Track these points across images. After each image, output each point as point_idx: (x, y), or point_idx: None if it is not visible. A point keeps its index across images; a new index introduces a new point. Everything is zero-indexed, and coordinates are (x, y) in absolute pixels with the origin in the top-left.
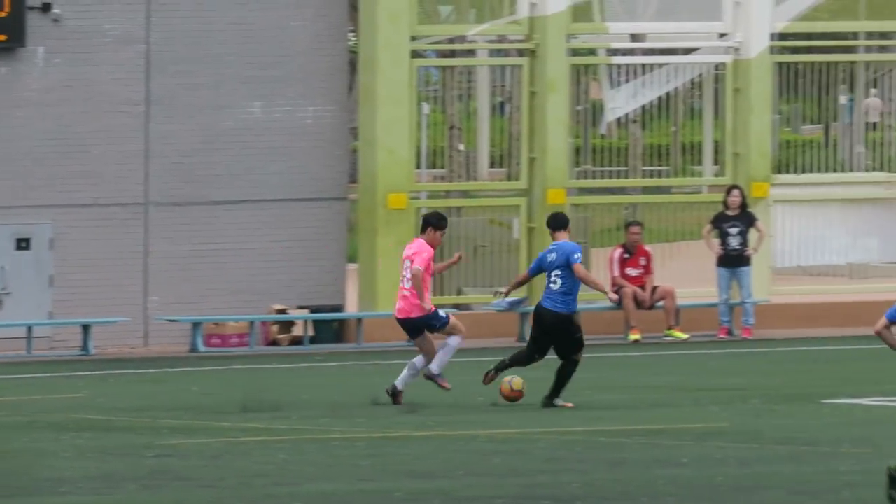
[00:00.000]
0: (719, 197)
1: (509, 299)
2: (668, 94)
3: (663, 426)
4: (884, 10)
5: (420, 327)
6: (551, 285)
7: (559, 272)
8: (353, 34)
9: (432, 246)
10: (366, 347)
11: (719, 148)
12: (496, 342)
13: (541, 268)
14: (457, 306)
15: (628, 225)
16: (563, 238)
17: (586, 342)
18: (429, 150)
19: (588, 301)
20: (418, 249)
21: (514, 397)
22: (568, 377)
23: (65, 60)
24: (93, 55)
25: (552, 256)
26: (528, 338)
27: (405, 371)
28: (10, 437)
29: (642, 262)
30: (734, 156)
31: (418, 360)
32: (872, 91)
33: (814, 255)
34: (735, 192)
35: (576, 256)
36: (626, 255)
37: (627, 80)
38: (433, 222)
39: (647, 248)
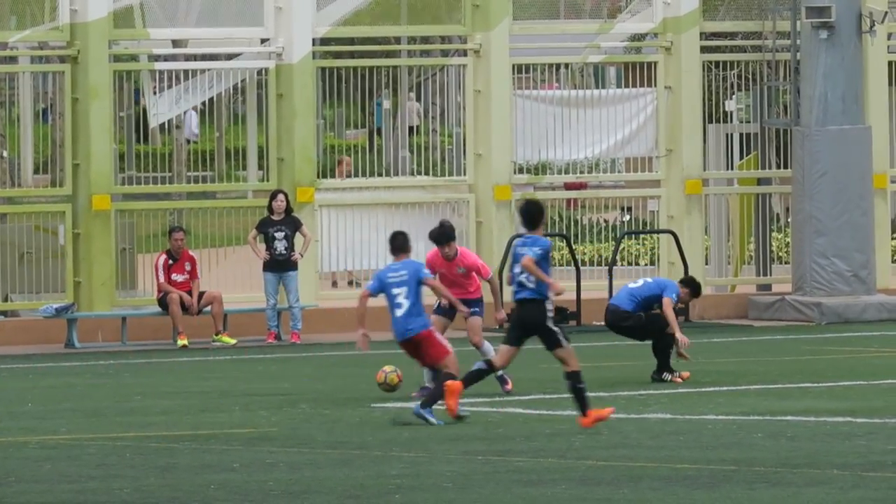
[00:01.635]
0: (264, 202)
1: (56, 305)
2: (211, 100)
3: (213, 431)
4: (424, 14)
5: None
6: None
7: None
8: None
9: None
10: None
11: (264, 153)
12: (43, 348)
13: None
14: (3, 313)
15: (171, 231)
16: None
17: (137, 348)
18: None
19: (135, 307)
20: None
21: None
22: (667, 349)
23: None
24: None
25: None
26: (77, 343)
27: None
28: None
29: (187, 267)
30: (278, 161)
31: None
32: (411, 95)
33: (361, 260)
34: (280, 196)
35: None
36: (171, 261)
37: (170, 86)
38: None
39: (192, 253)
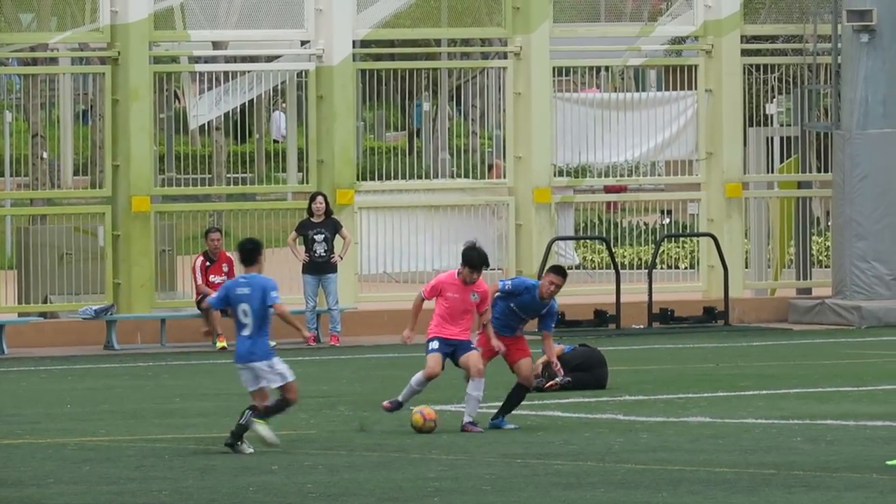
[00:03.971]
0: (304, 204)
1: (95, 307)
2: (251, 102)
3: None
4: (464, 17)
5: None
6: None
7: None
8: None
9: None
10: None
11: (304, 155)
12: (82, 350)
13: None
14: (43, 315)
15: (208, 232)
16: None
17: (176, 349)
18: (12, 158)
19: (175, 309)
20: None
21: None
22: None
23: None
24: None
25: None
26: (116, 345)
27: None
28: None
29: (225, 268)
30: (318, 163)
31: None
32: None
33: (400, 262)
34: (319, 198)
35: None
36: (209, 263)
37: (210, 88)
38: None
39: (230, 254)
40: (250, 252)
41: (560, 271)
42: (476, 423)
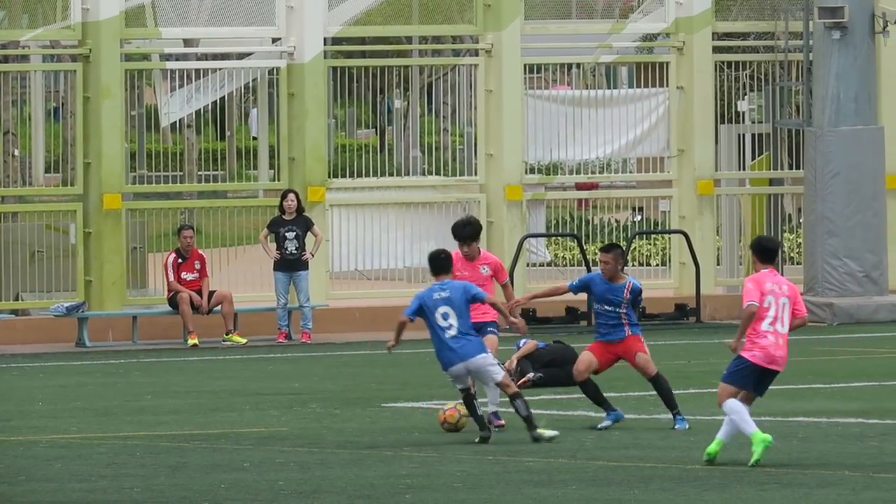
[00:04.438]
0: (275, 201)
1: (67, 304)
2: (222, 99)
3: (224, 430)
4: (435, 14)
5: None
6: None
7: None
8: None
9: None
10: None
11: (275, 152)
12: (54, 347)
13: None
14: (14, 312)
15: (180, 229)
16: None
17: (148, 347)
18: None
19: (146, 306)
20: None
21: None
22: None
23: None
24: None
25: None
26: (87, 342)
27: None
28: None
29: (197, 265)
30: (290, 160)
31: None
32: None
33: (371, 259)
34: (291, 196)
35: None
36: (181, 260)
37: (182, 85)
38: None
39: (202, 251)
40: (444, 261)
41: (604, 248)
42: (499, 416)
